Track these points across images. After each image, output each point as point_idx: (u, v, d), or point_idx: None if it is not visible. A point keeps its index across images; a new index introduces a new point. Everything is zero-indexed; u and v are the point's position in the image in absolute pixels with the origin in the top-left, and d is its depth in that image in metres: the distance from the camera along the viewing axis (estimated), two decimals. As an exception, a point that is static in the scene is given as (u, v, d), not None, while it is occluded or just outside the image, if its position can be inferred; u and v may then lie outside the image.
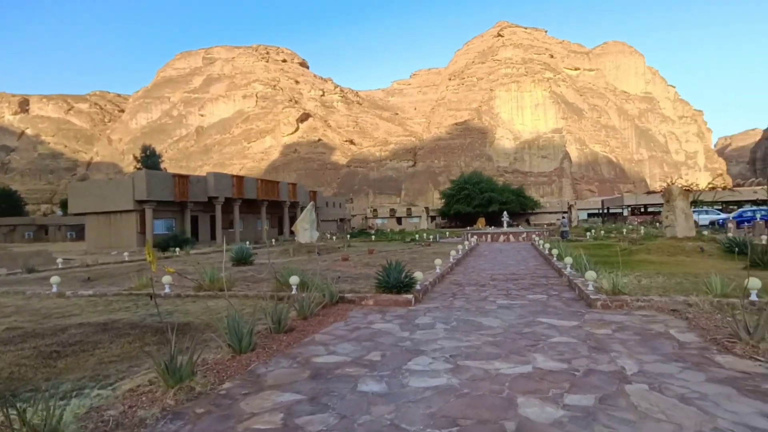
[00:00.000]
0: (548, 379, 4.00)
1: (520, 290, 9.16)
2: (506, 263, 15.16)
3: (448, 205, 70.00)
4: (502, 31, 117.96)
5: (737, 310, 5.18)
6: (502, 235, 30.09)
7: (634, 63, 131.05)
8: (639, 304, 6.78)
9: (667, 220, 15.34)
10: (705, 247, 13.98)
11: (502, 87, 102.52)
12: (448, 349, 5.06)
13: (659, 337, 5.24)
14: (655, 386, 3.77)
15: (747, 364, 4.22)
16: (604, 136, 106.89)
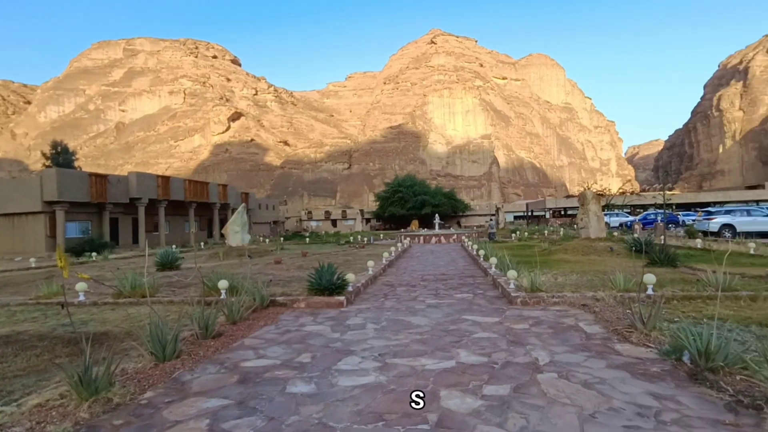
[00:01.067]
0: (470, 373, 4.25)
1: (449, 290, 9.55)
2: (437, 264, 15.67)
3: (383, 207, 70.89)
4: (435, 39, 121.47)
5: (636, 304, 5.77)
6: (434, 237, 30.98)
7: (556, 75, 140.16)
8: (554, 300, 7.33)
9: (582, 222, 16.63)
10: (614, 247, 15.31)
11: (435, 93, 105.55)
12: (377, 348, 5.20)
13: (570, 330, 5.72)
14: (563, 374, 4.14)
15: (640, 350, 4.74)
16: (529, 143, 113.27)
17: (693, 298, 7.01)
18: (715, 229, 23.41)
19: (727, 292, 7.05)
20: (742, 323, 5.55)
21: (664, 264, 11.15)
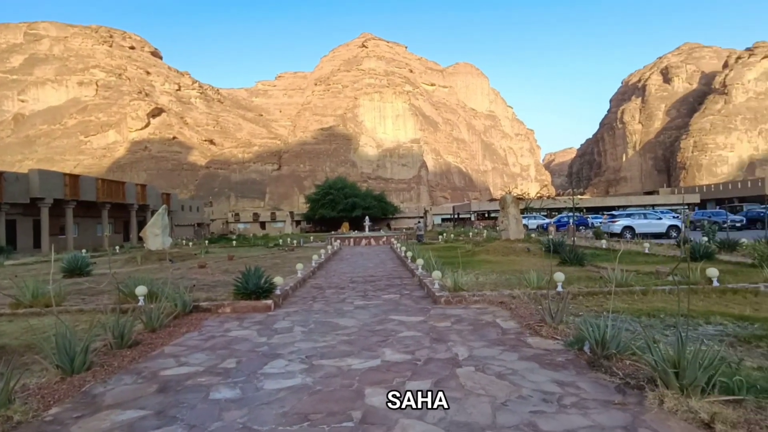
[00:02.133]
0: (394, 370, 4.42)
1: (377, 291, 9.74)
2: (366, 266, 15.86)
3: (313, 209, 70.21)
4: (366, 42, 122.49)
5: (546, 300, 6.28)
6: (364, 239, 31.25)
7: (481, 84, 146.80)
8: (475, 298, 7.75)
9: (502, 225, 17.63)
10: (531, 248, 16.39)
11: (366, 96, 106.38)
12: (304, 350, 5.22)
13: (488, 326, 6.10)
14: (480, 367, 4.43)
15: (549, 343, 5.17)
16: (456, 148, 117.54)
17: (595, 293, 7.72)
18: (618, 231, 25.81)
19: (624, 287, 7.86)
20: (634, 315, 6.23)
21: (573, 263, 12.14)
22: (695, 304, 6.75)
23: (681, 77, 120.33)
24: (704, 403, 3.15)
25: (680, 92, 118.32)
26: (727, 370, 3.54)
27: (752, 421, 2.94)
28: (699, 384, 3.30)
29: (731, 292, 7.50)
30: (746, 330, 5.31)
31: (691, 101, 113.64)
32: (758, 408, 3.11)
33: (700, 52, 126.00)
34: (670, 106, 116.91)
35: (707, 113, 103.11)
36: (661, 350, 3.64)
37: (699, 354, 3.45)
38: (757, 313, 6.17)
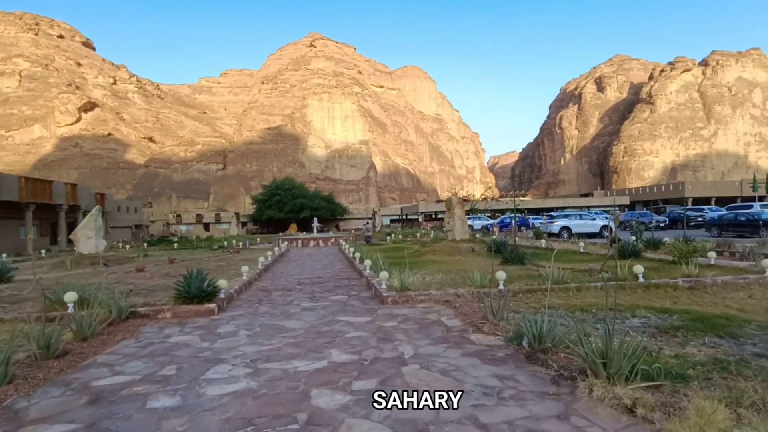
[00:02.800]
0: (340, 371, 4.43)
1: (324, 292, 9.70)
2: (314, 267, 15.73)
3: (260, 210, 68.61)
4: (314, 42, 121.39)
5: (488, 298, 6.51)
6: (312, 241, 30.95)
7: (428, 87, 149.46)
8: (421, 298, 7.91)
9: (448, 226, 18.06)
10: (475, 248, 16.90)
11: (315, 96, 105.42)
12: (249, 354, 5.12)
13: (433, 325, 6.24)
14: (424, 365, 4.53)
15: (490, 339, 5.38)
16: (404, 150, 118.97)
17: (534, 291, 8.09)
18: (556, 231, 27.15)
19: (560, 284, 8.29)
20: (569, 310, 6.60)
21: (514, 262, 12.64)
22: (623, 299, 7.26)
23: (613, 87, 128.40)
24: (628, 389, 3.40)
25: (612, 101, 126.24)
26: (648, 359, 3.85)
27: (667, 403, 3.22)
28: (623, 373, 3.56)
29: (654, 287, 8.12)
30: (666, 321, 5.77)
31: (621, 109, 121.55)
32: (673, 392, 3.40)
33: (630, 64, 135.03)
34: (603, 114, 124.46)
35: (636, 121, 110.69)
36: (591, 343, 3.89)
37: (624, 345, 3.72)
38: (675, 305, 6.73)
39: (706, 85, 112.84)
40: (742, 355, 4.38)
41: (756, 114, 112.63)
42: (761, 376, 3.66)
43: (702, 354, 4.45)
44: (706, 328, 5.35)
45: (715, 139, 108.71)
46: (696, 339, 4.98)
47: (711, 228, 24.37)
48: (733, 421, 2.89)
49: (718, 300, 7.11)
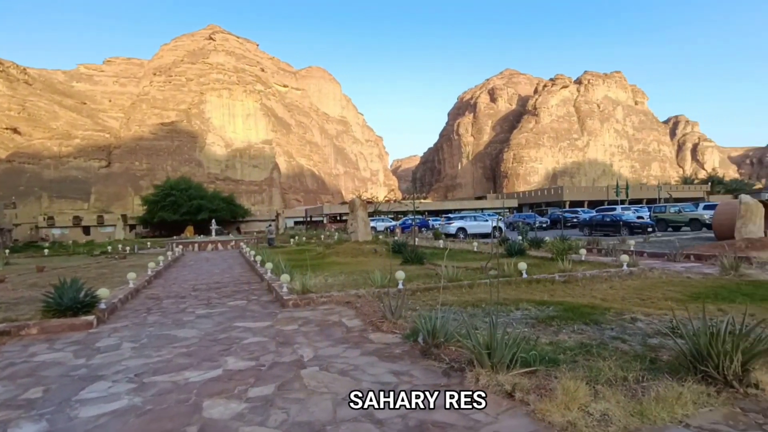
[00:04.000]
0: (236, 379, 4.28)
1: (222, 298, 9.26)
2: (212, 272, 14.94)
3: (152, 212, 63.27)
4: (214, 35, 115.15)
5: (388, 297, 6.71)
6: (211, 244, 29.35)
7: (333, 89, 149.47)
8: (323, 300, 7.90)
9: (352, 227, 18.25)
10: (378, 249, 17.27)
11: (214, 92, 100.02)
12: (133, 368, 4.73)
13: (334, 326, 6.28)
14: (324, 366, 4.55)
15: (389, 337, 5.55)
16: (308, 151, 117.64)
17: (431, 289, 8.49)
18: (453, 232, 28.71)
19: (455, 282, 8.80)
20: (462, 306, 7.04)
21: (414, 262, 13.15)
22: (509, 294, 7.91)
23: (503, 98, 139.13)
24: (508, 376, 3.73)
25: (503, 111, 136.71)
26: (527, 347, 4.25)
27: (541, 386, 3.59)
28: (505, 361, 3.90)
29: (536, 282, 8.97)
30: (544, 312, 6.41)
31: (511, 119, 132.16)
32: (546, 375, 3.80)
33: (518, 78, 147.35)
34: (496, 123, 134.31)
35: (523, 130, 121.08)
36: (478, 336, 4.20)
37: (506, 336, 4.08)
38: (552, 297, 7.49)
39: (580, 101, 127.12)
40: (602, 339, 5.02)
41: (619, 128, 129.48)
42: (615, 356, 4.24)
43: (571, 340, 5.02)
44: (576, 316, 6.04)
45: (587, 149, 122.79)
46: (567, 327, 5.60)
47: (583, 228, 27.47)
48: (592, 396, 3.31)
49: (586, 291, 8.06)
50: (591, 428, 2.93)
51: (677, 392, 3.27)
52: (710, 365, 3.56)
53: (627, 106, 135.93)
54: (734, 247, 12.44)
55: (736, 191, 68.88)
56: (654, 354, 4.40)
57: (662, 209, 29.69)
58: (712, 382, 3.50)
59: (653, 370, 3.92)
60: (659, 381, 3.56)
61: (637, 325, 5.62)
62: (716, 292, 7.40)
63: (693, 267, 10.94)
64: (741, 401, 3.30)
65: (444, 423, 3.18)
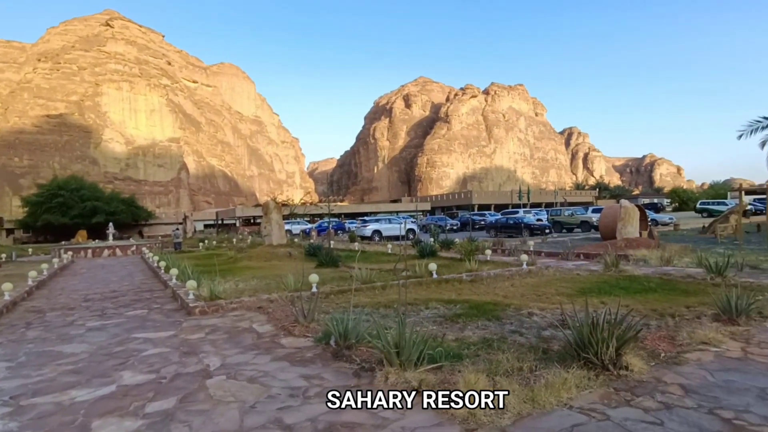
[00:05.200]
0: (132, 394, 3.98)
1: (119, 308, 8.54)
2: (108, 280, 13.70)
3: (35, 215, 56.37)
4: (111, 21, 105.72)
5: (300, 301, 6.63)
6: (107, 250, 26.89)
7: (247, 88, 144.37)
8: (233, 306, 7.60)
9: (266, 230, 17.76)
10: (293, 252, 16.97)
11: (112, 84, 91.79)
12: (8, 390, 4.21)
13: (244, 332, 6.07)
14: (231, 375, 4.38)
15: (301, 341, 5.49)
16: (220, 151, 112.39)
17: (345, 291, 8.53)
18: (368, 234, 29.07)
19: (368, 284, 8.93)
20: (375, 307, 7.16)
21: (329, 265, 13.13)
22: (420, 294, 8.19)
23: (418, 104, 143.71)
24: (416, 373, 3.87)
25: (417, 117, 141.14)
26: (433, 344, 4.44)
27: (446, 380, 3.78)
28: (412, 359, 4.04)
29: (445, 281, 9.38)
30: (451, 310, 6.73)
31: (425, 125, 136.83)
32: (452, 371, 4.00)
33: (431, 86, 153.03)
34: (410, 128, 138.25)
35: (436, 137, 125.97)
36: (388, 335, 4.31)
37: (414, 335, 4.22)
38: (459, 296, 7.89)
39: (488, 111, 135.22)
40: (502, 333, 5.39)
41: (522, 137, 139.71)
42: (513, 349, 4.58)
43: (475, 336, 5.33)
44: (480, 313, 6.42)
45: (494, 155, 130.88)
46: (472, 324, 5.94)
47: (490, 230, 29.23)
48: (491, 386, 3.55)
49: (490, 290, 8.58)
50: (489, 416, 3.14)
51: (563, 378, 3.62)
52: (591, 352, 3.98)
53: (529, 116, 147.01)
54: (616, 247, 13.97)
55: (619, 196, 77.43)
56: (546, 345, 4.82)
57: (558, 212, 32.52)
58: (593, 367, 3.92)
59: (545, 359, 4.29)
60: (549, 369, 3.91)
61: (533, 319, 6.11)
62: (599, 287, 8.26)
63: (582, 264, 12.11)
64: (614, 382, 3.73)
65: (353, 423, 3.23)
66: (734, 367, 4.05)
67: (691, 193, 78.01)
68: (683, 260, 11.35)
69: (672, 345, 4.71)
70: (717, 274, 8.52)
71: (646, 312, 6.16)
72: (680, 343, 4.73)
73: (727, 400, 3.36)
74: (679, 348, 4.61)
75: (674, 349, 4.59)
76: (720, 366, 4.09)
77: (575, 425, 3.02)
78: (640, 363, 4.02)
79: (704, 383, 3.70)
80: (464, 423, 3.10)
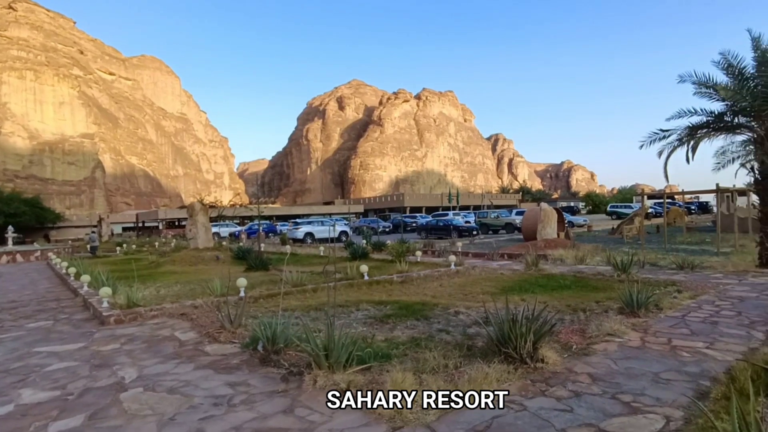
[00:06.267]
0: (33, 413, 3.63)
1: (19, 319, 7.74)
2: (5, 289, 12.35)
3: None
4: (15, 4, 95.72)
5: (227, 306, 6.39)
6: (5, 255, 24.25)
7: (171, 83, 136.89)
8: (152, 313, 7.17)
9: (191, 233, 16.92)
10: (221, 256, 16.31)
11: (14, 72, 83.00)
12: None
13: (165, 341, 5.74)
14: (149, 386, 4.13)
15: (227, 348, 5.29)
16: (141, 149, 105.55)
17: (275, 295, 8.35)
18: (301, 237, 28.65)
19: (299, 287, 8.80)
20: (305, 310, 7.08)
21: (259, 268, 12.78)
22: (351, 295, 8.21)
23: (351, 107, 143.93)
24: (345, 375, 3.88)
25: (351, 119, 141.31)
26: (363, 346, 4.47)
27: (374, 381, 3.82)
28: (341, 361, 4.04)
29: (376, 283, 9.47)
30: (381, 311, 6.81)
31: (358, 128, 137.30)
32: (380, 371, 4.05)
33: (365, 89, 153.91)
34: (344, 130, 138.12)
35: (369, 139, 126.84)
36: (317, 338, 4.28)
37: (343, 337, 4.23)
38: (390, 297, 8.00)
39: (419, 115, 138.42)
40: (430, 332, 5.55)
41: (451, 142, 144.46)
42: (440, 347, 4.72)
43: (404, 335, 5.43)
44: (409, 313, 6.56)
45: (426, 159, 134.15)
46: (401, 324, 6.05)
47: (421, 231, 29.91)
48: (418, 384, 3.64)
49: (420, 290, 8.79)
50: (415, 414, 3.21)
51: (485, 373, 3.79)
52: (510, 347, 4.20)
53: (458, 122, 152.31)
54: (536, 247, 14.85)
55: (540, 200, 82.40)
56: (471, 342, 5.02)
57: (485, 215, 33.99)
58: (512, 361, 4.15)
59: (470, 356, 4.47)
60: (473, 365, 4.08)
61: (459, 317, 6.34)
62: (521, 285, 8.75)
63: (506, 264, 12.75)
64: (531, 374, 3.97)
65: (279, 428, 3.17)
66: (634, 356, 4.46)
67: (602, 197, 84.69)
68: (595, 259, 12.30)
69: (582, 337, 5.10)
70: (622, 271, 9.34)
71: (561, 307, 6.62)
72: (590, 336, 5.13)
73: (627, 385, 3.70)
74: (589, 340, 5.00)
75: (584, 341, 4.97)
76: (622, 355, 4.49)
77: (495, 417, 3.17)
78: (554, 355, 4.31)
79: (609, 371, 4.04)
80: (391, 422, 3.15)
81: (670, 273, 9.97)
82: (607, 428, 2.97)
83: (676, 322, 5.76)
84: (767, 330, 5.23)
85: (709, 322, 5.74)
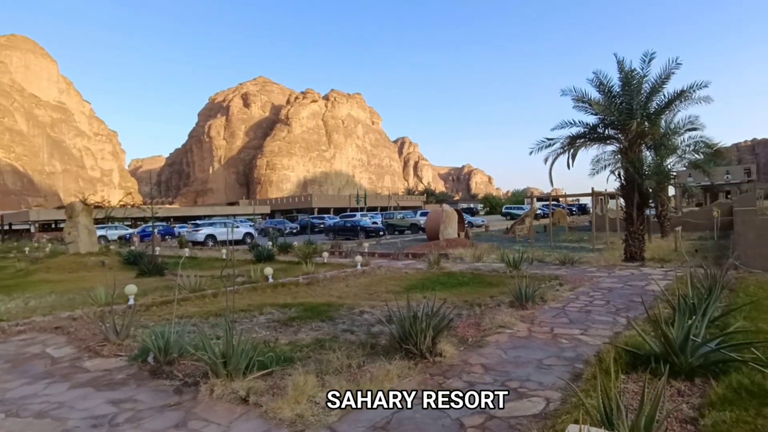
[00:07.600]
0: None
1: None
2: None
3: None
4: None
5: (112, 316, 5.80)
6: None
7: (47, 67, 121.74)
8: (18, 328, 6.30)
9: (70, 236, 15.17)
10: (107, 261, 14.82)
11: None
12: None
13: (33, 359, 5.08)
14: (12, 411, 3.62)
15: (111, 362, 4.82)
16: (8, 141, 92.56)
17: (170, 301, 7.78)
18: (201, 239, 27.04)
19: (198, 292, 8.31)
20: (204, 316, 6.70)
21: (153, 273, 11.83)
22: (255, 299, 7.93)
23: (257, 104, 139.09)
24: (244, 382, 3.73)
25: (257, 117, 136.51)
26: (264, 350, 4.34)
27: (276, 386, 3.73)
28: (241, 367, 3.88)
29: (281, 285, 9.24)
30: (286, 314, 6.66)
31: (264, 126, 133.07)
32: (282, 375, 3.97)
33: (271, 87, 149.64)
34: (249, 128, 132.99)
35: (276, 139, 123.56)
36: (215, 345, 4.06)
37: (243, 342, 4.06)
38: (295, 299, 7.86)
39: (328, 116, 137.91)
40: (335, 333, 5.54)
41: (360, 144, 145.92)
42: (344, 347, 4.73)
43: (309, 337, 5.37)
44: (314, 315, 6.49)
45: (334, 160, 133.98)
46: (306, 326, 5.97)
47: (329, 233, 29.80)
48: (320, 386, 3.61)
49: (326, 291, 8.75)
50: (317, 416, 3.19)
51: (386, 370, 3.88)
52: (411, 343, 4.35)
53: (366, 124, 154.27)
54: (438, 246, 15.54)
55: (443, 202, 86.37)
56: (375, 340, 5.10)
57: (391, 216, 34.81)
58: (413, 357, 4.29)
59: (373, 354, 4.54)
60: (375, 363, 4.15)
61: (364, 317, 6.42)
62: (423, 283, 9.09)
63: (410, 263, 13.16)
64: (430, 368, 4.14)
65: (170, 445, 2.96)
66: (522, 345, 4.85)
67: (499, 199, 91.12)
68: (491, 257, 13.18)
69: (478, 330, 5.43)
70: (514, 267, 10.12)
71: (459, 303, 6.99)
72: (484, 328, 5.48)
73: (515, 372, 4.01)
74: (483, 332, 5.34)
75: (479, 333, 5.30)
76: (512, 345, 4.86)
77: (395, 412, 3.26)
78: (452, 349, 4.54)
79: (500, 361, 4.35)
80: (292, 426, 3.10)
81: (554, 268, 11.02)
82: (497, 414, 3.19)
83: (557, 312, 6.37)
84: (628, 316, 5.99)
85: (584, 311, 6.43)
